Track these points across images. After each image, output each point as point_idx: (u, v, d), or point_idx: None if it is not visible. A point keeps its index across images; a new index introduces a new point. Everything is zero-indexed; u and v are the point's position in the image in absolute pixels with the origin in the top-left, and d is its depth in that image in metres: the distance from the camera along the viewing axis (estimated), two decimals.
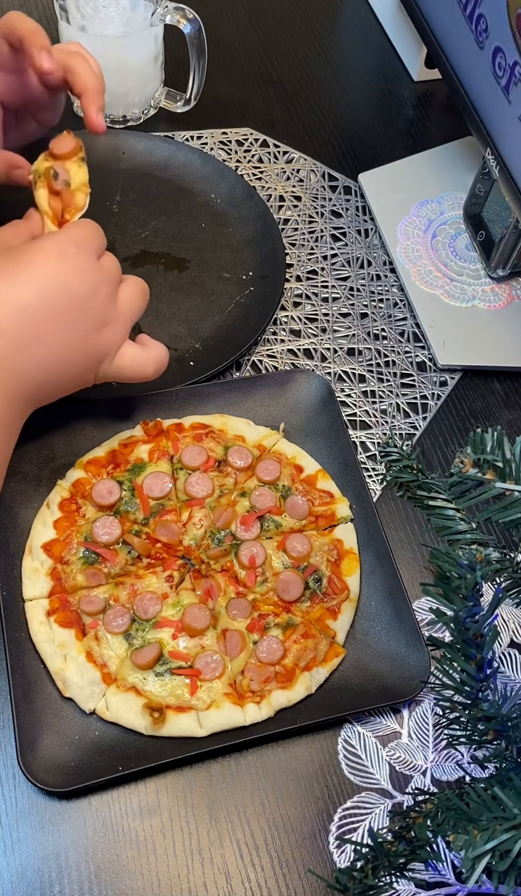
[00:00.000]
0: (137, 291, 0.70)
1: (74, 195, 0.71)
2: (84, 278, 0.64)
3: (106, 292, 0.66)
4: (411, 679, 0.65)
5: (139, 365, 0.70)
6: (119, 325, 0.68)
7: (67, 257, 0.64)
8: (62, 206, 0.71)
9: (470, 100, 0.85)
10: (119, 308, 0.68)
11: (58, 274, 0.63)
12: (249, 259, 0.90)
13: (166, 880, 0.59)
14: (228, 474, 0.75)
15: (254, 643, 0.67)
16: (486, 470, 0.46)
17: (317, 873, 0.60)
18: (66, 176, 0.71)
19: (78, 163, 0.72)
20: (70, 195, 0.71)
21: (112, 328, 0.67)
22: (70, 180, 0.71)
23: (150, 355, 0.71)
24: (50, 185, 0.71)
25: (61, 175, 0.71)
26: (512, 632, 0.71)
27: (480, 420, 0.83)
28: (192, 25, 0.93)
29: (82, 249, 0.65)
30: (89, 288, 0.65)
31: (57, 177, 0.70)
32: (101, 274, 0.66)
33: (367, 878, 0.49)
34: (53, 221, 0.71)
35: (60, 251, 0.64)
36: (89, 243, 0.66)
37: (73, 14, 0.92)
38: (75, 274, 0.64)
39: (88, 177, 0.72)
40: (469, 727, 0.50)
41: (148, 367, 0.71)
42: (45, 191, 0.71)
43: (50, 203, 0.71)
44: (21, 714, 0.61)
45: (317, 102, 1.06)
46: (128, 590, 0.68)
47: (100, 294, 0.65)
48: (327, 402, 0.78)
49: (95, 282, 0.65)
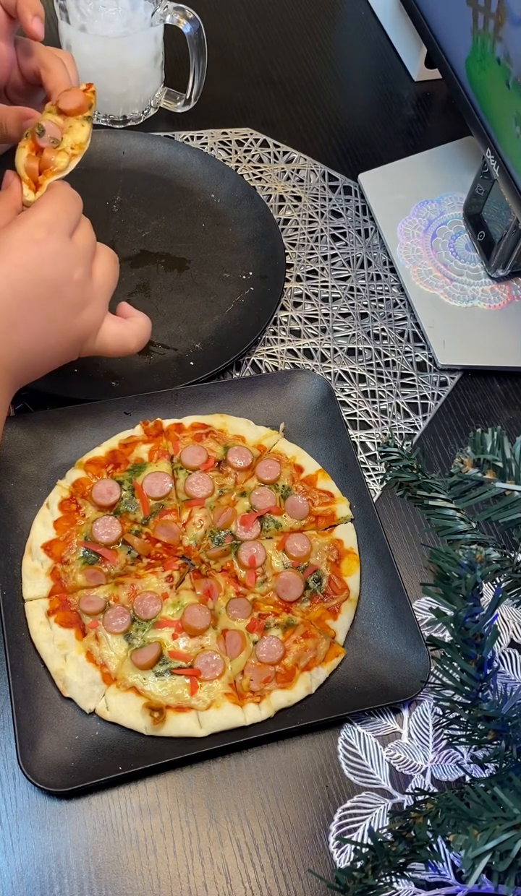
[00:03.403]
0: (110, 264, 0.69)
1: (58, 155, 0.67)
2: (57, 264, 0.64)
3: (81, 273, 0.65)
4: (411, 679, 0.65)
5: (122, 340, 0.71)
6: (97, 302, 0.68)
7: (37, 243, 0.63)
8: (40, 166, 0.67)
9: (470, 100, 0.85)
10: (96, 286, 0.67)
11: (27, 262, 0.62)
12: (249, 259, 0.90)
13: (166, 880, 0.59)
14: (228, 474, 0.75)
15: (254, 643, 0.67)
16: (486, 470, 0.46)
17: (317, 873, 0.60)
18: (55, 133, 0.66)
19: (82, 121, 0.68)
20: (53, 154, 0.67)
21: (91, 308, 0.67)
22: (61, 138, 0.67)
23: (132, 330, 0.71)
24: (35, 141, 0.67)
25: (49, 131, 0.66)
26: (512, 632, 0.71)
27: (480, 420, 0.83)
28: (192, 25, 0.93)
29: (52, 231, 0.64)
30: (63, 273, 0.64)
31: (43, 133, 0.66)
32: (74, 256, 0.65)
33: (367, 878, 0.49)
34: (30, 186, 0.67)
35: (29, 238, 0.63)
36: (59, 223, 0.64)
37: (73, 14, 0.92)
38: (47, 261, 0.63)
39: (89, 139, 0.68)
40: (469, 727, 0.50)
41: (130, 343, 0.71)
42: (26, 149, 0.67)
43: (27, 163, 0.67)
44: (21, 714, 0.61)
45: (317, 102, 1.06)
46: (128, 590, 0.68)
47: (75, 277, 0.65)
48: (327, 402, 0.78)
49: (68, 266, 0.64)
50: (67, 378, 0.77)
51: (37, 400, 0.77)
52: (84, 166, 0.93)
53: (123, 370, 0.81)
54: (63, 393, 0.77)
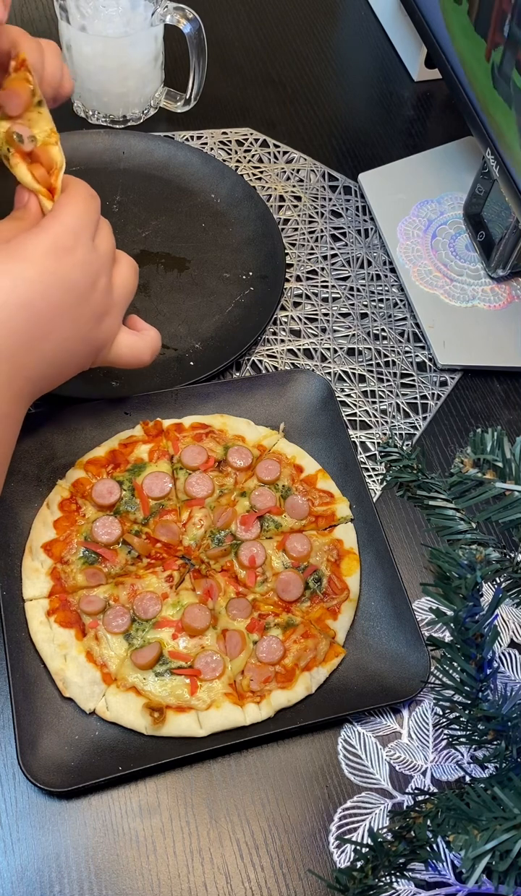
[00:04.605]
0: (129, 273, 0.69)
1: (49, 151, 0.64)
2: (85, 271, 0.63)
3: (105, 282, 0.65)
4: (411, 679, 0.65)
5: (137, 352, 0.70)
6: (116, 312, 0.67)
7: (67, 250, 0.62)
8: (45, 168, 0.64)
9: (470, 100, 0.85)
10: (116, 295, 0.67)
11: (58, 269, 0.61)
12: (249, 259, 0.90)
13: (166, 880, 0.59)
14: (228, 474, 0.75)
15: (254, 643, 0.67)
16: (486, 470, 0.46)
17: (317, 873, 0.60)
18: (27, 132, 0.63)
19: (37, 110, 0.64)
20: (45, 153, 0.64)
21: (110, 318, 0.67)
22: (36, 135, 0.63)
23: (146, 343, 0.71)
24: (19, 150, 0.63)
25: (24, 132, 0.63)
26: (512, 632, 0.71)
27: (480, 420, 0.83)
28: (192, 25, 0.93)
29: (79, 238, 0.63)
30: (90, 280, 0.64)
31: (22, 139, 0.63)
32: (98, 262, 0.64)
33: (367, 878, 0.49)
34: (47, 196, 0.64)
35: (58, 244, 0.62)
36: (85, 228, 0.63)
37: (73, 14, 0.92)
38: (76, 268, 0.62)
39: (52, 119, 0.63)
40: (469, 727, 0.50)
41: (145, 355, 0.71)
42: (21, 162, 0.63)
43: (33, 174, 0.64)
44: (21, 714, 0.61)
45: (317, 102, 1.06)
46: (128, 590, 0.68)
47: (99, 285, 0.65)
48: (327, 402, 0.78)
49: (94, 273, 0.64)
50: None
51: (37, 400, 0.77)
52: (84, 166, 0.94)
53: (123, 370, 0.81)
54: (63, 393, 0.76)
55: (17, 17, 1.09)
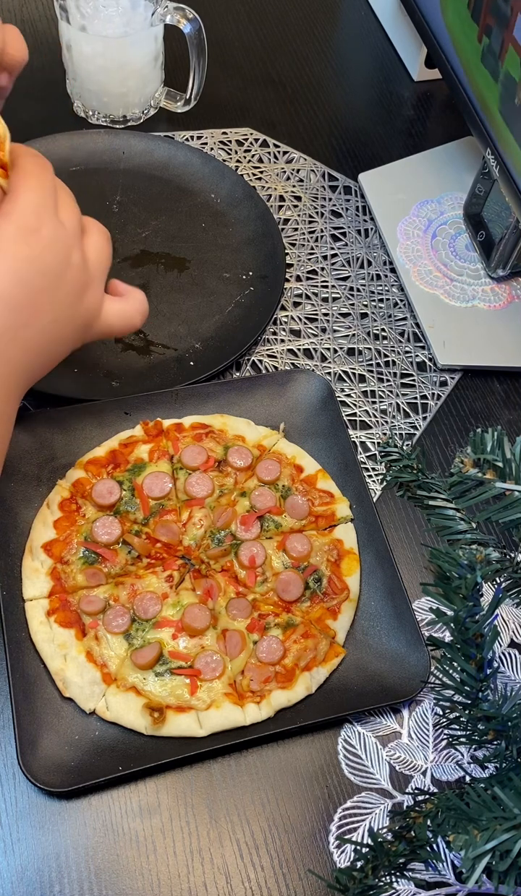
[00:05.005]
0: (101, 241, 0.67)
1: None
2: (56, 249, 0.61)
3: (78, 257, 0.63)
4: (411, 679, 0.65)
5: (127, 318, 0.69)
6: (96, 285, 0.65)
7: (32, 231, 0.60)
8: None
9: (470, 100, 0.85)
10: (92, 267, 0.65)
11: (29, 254, 0.59)
12: (249, 259, 0.90)
13: (166, 880, 0.59)
14: (228, 474, 0.75)
15: (254, 643, 0.67)
16: (486, 470, 0.46)
17: (317, 873, 0.60)
18: None
19: None
20: None
21: (91, 291, 0.65)
22: None
23: (133, 306, 0.69)
24: None
25: None
26: (512, 632, 0.71)
27: (480, 420, 0.83)
28: (192, 25, 0.93)
29: (42, 216, 0.60)
30: (62, 258, 0.61)
31: None
32: (67, 236, 0.62)
33: (367, 878, 0.49)
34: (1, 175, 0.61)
35: (22, 228, 0.59)
36: (45, 204, 0.61)
37: (73, 14, 0.92)
38: (46, 248, 0.60)
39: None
40: (469, 727, 0.50)
41: (135, 318, 0.70)
42: None
43: None
44: (21, 714, 0.61)
45: (317, 102, 1.06)
46: (128, 590, 0.68)
47: (73, 261, 0.62)
48: (327, 402, 0.78)
49: (65, 249, 0.62)
50: (67, 378, 0.77)
51: (37, 400, 0.77)
52: (84, 166, 0.94)
53: (123, 370, 0.81)
54: (63, 393, 0.77)
55: (17, 16, 1.09)
